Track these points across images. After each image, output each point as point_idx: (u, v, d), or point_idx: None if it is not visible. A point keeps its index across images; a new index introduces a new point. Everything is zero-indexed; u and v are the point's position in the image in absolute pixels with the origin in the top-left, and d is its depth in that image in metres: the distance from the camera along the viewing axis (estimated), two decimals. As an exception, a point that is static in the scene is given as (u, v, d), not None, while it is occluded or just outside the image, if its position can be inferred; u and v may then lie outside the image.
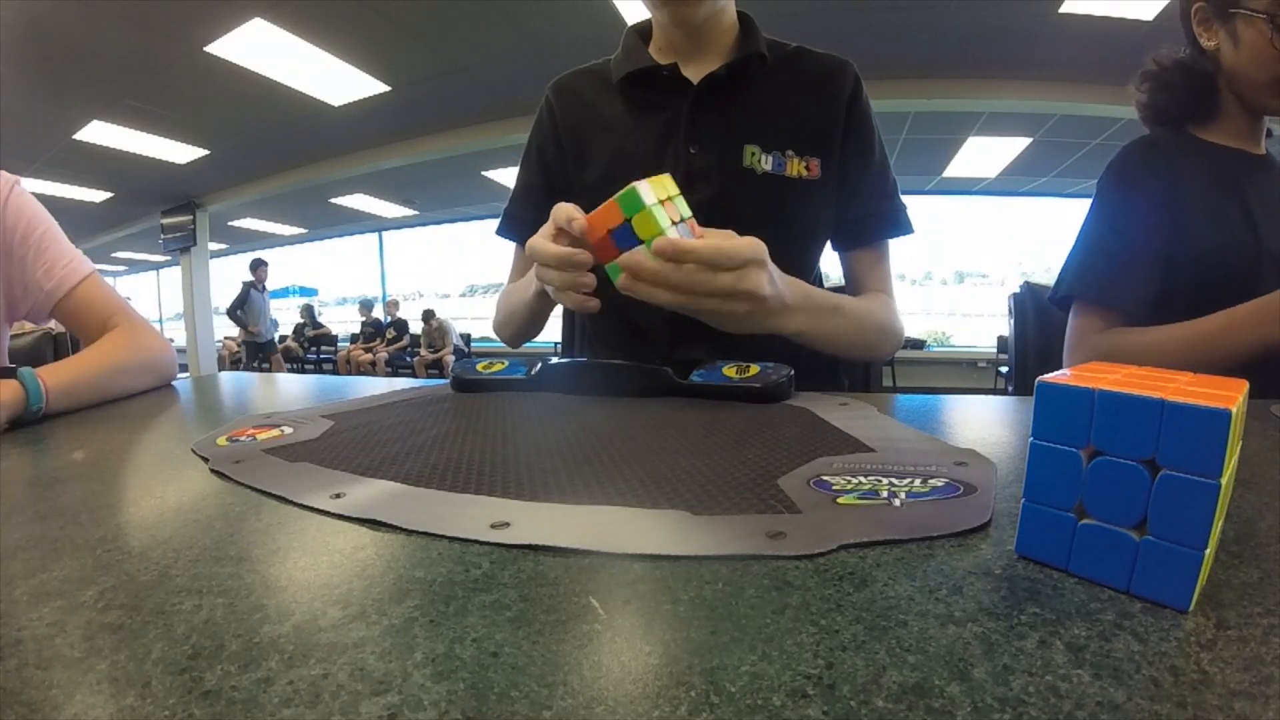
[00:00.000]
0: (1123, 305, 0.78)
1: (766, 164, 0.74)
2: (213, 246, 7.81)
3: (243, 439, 0.45)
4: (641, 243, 0.49)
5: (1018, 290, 1.05)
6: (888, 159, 0.80)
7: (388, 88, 4.17)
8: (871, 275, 0.80)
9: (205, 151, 5.20)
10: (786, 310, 0.59)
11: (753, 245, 0.52)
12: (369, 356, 7.33)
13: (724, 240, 0.52)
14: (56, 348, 1.01)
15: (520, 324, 0.76)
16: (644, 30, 0.82)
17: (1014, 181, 6.60)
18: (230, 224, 8.26)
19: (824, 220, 0.78)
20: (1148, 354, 0.73)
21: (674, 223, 0.50)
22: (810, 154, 0.75)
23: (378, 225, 9.38)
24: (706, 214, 0.75)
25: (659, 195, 0.50)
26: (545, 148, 0.84)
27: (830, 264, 0.85)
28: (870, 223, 0.78)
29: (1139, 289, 0.77)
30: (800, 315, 0.61)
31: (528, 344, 0.82)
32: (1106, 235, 0.80)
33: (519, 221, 0.86)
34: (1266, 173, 0.79)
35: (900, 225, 0.79)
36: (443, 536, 0.27)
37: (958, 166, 6.10)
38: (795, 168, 0.74)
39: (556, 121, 0.82)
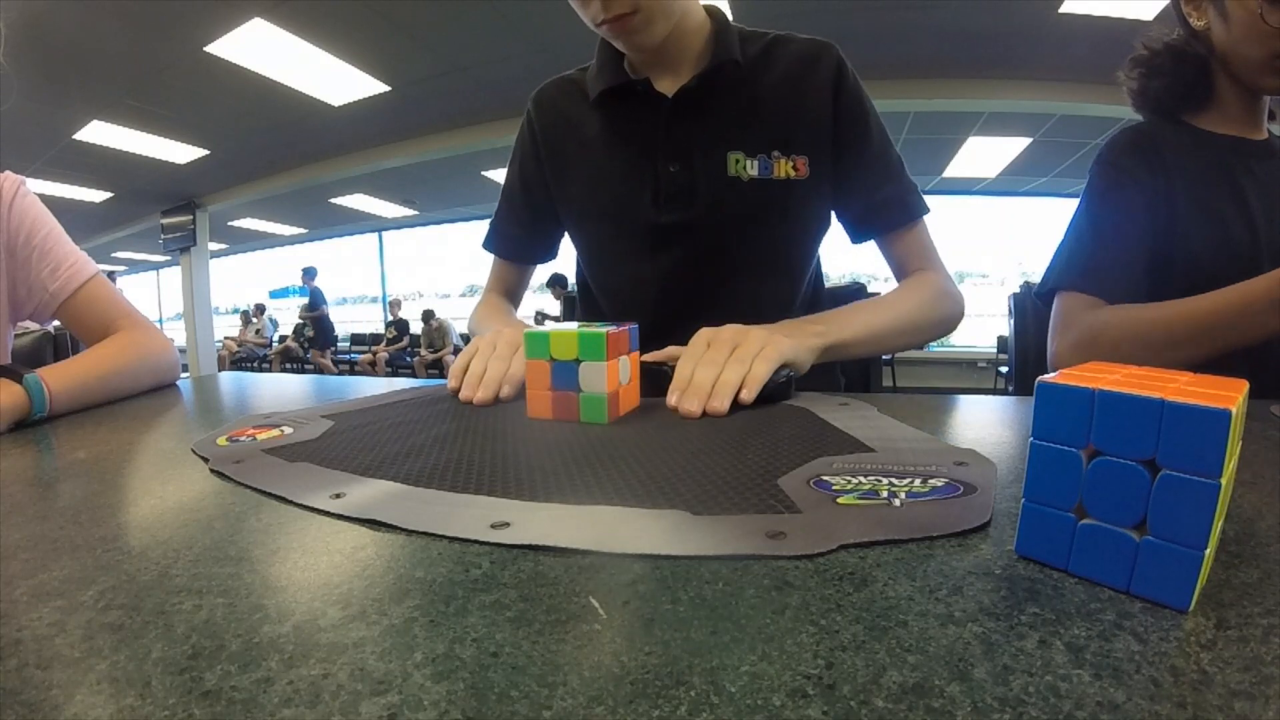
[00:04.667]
0: (1111, 292, 0.73)
1: (752, 169, 0.72)
2: (213, 246, 7.81)
3: (243, 439, 0.45)
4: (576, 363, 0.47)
5: (1018, 290, 1.05)
6: (888, 139, 0.76)
7: (388, 88, 4.17)
8: (908, 255, 0.76)
9: (205, 151, 5.20)
10: (798, 328, 0.59)
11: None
12: (369, 357, 7.33)
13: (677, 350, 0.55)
14: (56, 348, 1.01)
15: None
16: None
17: (1014, 181, 6.60)
18: (230, 224, 8.26)
19: (818, 217, 0.77)
20: (1146, 328, 0.68)
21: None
22: (797, 152, 0.72)
23: (378, 225, 9.37)
24: (695, 230, 0.75)
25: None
26: (526, 163, 0.84)
27: (837, 265, 0.85)
28: (880, 213, 0.75)
29: (1128, 277, 0.73)
30: (819, 324, 0.61)
31: None
32: (1096, 225, 0.76)
33: (502, 237, 0.88)
34: (1266, 160, 0.75)
35: (909, 210, 0.75)
36: (443, 536, 0.27)
37: (958, 166, 6.10)
38: (783, 169, 0.72)
39: (536, 137, 0.82)
